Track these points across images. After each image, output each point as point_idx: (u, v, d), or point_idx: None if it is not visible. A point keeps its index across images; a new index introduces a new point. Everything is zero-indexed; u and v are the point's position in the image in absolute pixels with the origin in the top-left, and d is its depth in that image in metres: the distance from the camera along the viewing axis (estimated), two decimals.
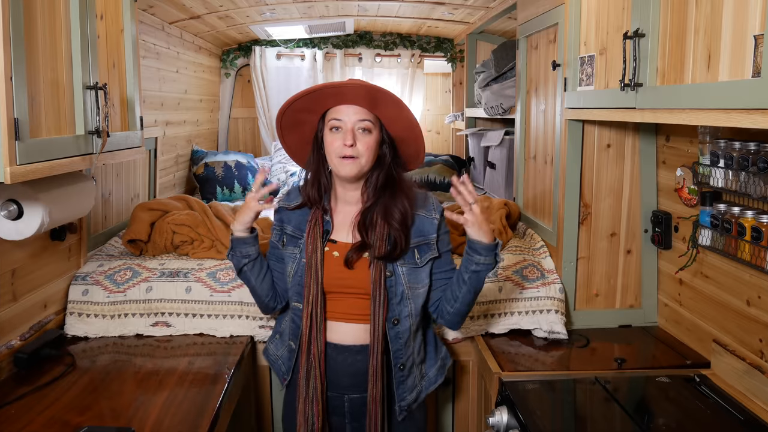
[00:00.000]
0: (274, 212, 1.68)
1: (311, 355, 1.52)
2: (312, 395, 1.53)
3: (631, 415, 1.55)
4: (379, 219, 1.53)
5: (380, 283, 1.50)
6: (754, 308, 1.66)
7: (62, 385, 1.66)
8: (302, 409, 1.54)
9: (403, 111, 1.50)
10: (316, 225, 1.56)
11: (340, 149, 1.47)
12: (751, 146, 1.53)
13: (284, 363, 1.66)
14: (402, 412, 1.58)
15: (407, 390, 1.58)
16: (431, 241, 1.58)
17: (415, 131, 1.54)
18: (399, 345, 1.55)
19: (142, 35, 2.82)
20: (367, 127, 1.49)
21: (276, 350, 1.70)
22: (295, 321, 1.61)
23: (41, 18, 1.36)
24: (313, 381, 1.52)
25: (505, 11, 3.15)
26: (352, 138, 1.47)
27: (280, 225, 1.65)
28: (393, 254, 1.52)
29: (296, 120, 1.57)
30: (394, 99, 1.48)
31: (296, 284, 1.59)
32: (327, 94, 1.49)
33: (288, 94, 1.60)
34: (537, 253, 2.24)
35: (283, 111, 1.54)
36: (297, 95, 1.50)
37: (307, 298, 1.53)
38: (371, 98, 1.47)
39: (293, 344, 1.62)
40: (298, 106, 1.53)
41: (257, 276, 1.66)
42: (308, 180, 1.59)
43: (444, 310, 1.60)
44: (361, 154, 1.48)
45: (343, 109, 1.49)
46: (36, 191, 1.56)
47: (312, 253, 1.53)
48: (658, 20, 1.43)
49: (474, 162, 4.07)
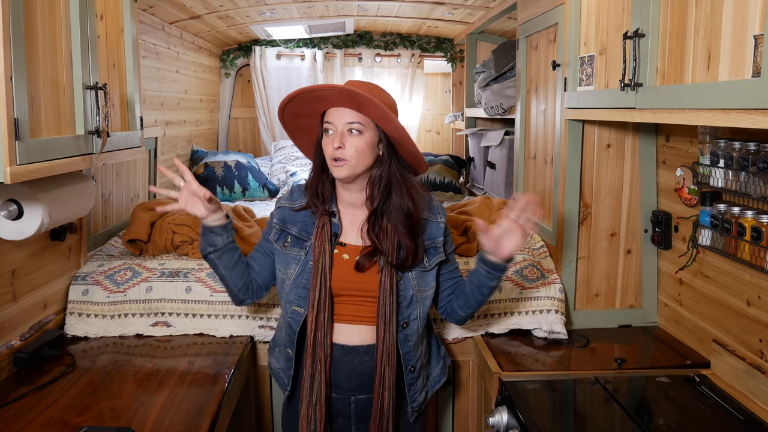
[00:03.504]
0: (276, 208, 1.64)
1: (317, 358, 1.51)
2: (316, 399, 1.51)
3: (631, 415, 1.55)
4: (389, 226, 1.52)
5: (391, 289, 1.51)
6: (754, 308, 1.66)
7: (62, 385, 1.66)
8: (305, 413, 1.52)
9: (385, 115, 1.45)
10: (324, 227, 1.53)
11: (331, 152, 1.47)
12: (751, 146, 1.53)
13: (285, 373, 1.62)
14: (414, 413, 1.60)
15: (418, 391, 1.60)
16: (438, 245, 1.59)
17: (403, 134, 1.49)
18: (408, 347, 1.56)
19: (142, 35, 2.82)
20: (357, 128, 1.47)
21: (277, 363, 1.67)
22: (291, 326, 1.57)
23: (41, 18, 1.36)
24: (318, 384, 1.51)
25: (505, 11, 3.15)
26: (339, 140, 1.46)
27: (282, 224, 1.60)
28: (406, 263, 1.53)
29: (298, 126, 1.57)
30: (372, 102, 1.42)
31: (298, 287, 1.55)
32: (309, 98, 1.47)
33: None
34: (537, 253, 2.24)
35: (280, 118, 1.55)
36: (282, 101, 1.50)
37: (312, 302, 1.51)
38: (354, 102, 1.45)
39: (290, 351, 1.59)
40: (289, 112, 1.52)
41: (226, 266, 1.60)
42: (310, 182, 1.58)
43: (455, 312, 1.66)
44: (350, 156, 1.46)
45: (333, 112, 1.48)
46: (36, 191, 1.56)
47: (320, 255, 1.51)
48: (658, 20, 1.43)
49: (474, 162, 4.07)
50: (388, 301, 1.50)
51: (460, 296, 1.63)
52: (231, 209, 2.48)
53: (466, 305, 1.63)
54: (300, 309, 1.55)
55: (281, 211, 1.61)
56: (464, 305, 1.63)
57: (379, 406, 1.52)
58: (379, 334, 1.51)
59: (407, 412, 1.60)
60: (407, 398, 1.58)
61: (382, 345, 1.51)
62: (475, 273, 1.58)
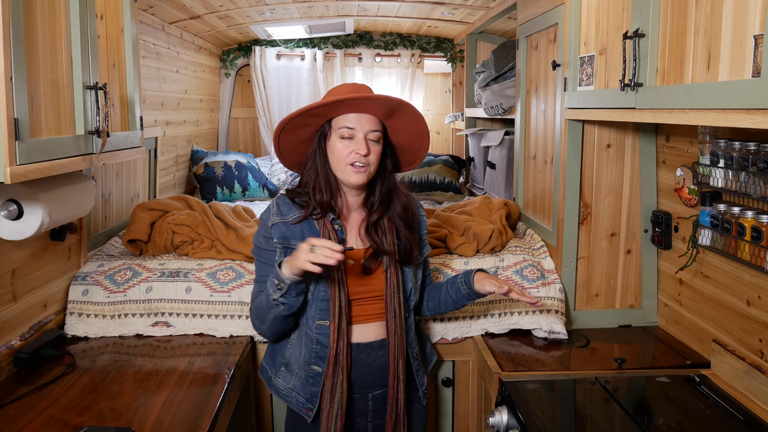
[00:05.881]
0: (269, 227, 1.55)
1: (339, 367, 1.50)
2: (337, 409, 1.50)
3: (631, 415, 1.55)
4: (387, 224, 1.58)
5: (398, 285, 1.57)
6: (754, 308, 1.65)
7: (62, 385, 1.66)
8: (326, 424, 1.51)
9: (419, 122, 1.54)
10: (330, 236, 1.51)
11: (352, 157, 1.47)
12: (751, 146, 1.53)
13: (303, 391, 1.55)
14: (425, 397, 1.67)
15: (422, 375, 1.68)
16: (424, 237, 1.70)
17: (425, 141, 1.59)
18: (411, 337, 1.63)
19: (142, 35, 2.82)
20: (378, 137, 1.51)
21: (286, 383, 1.59)
22: (320, 341, 1.51)
23: (41, 18, 1.36)
24: (339, 394, 1.50)
25: (505, 11, 3.15)
26: (366, 147, 1.47)
27: (284, 241, 1.53)
28: (411, 257, 1.59)
29: (299, 122, 1.54)
30: (414, 112, 1.51)
31: (318, 300, 1.51)
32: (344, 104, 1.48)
33: (288, 94, 1.61)
34: (537, 253, 2.24)
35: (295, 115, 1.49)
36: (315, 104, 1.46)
37: (333, 312, 1.49)
38: (388, 110, 1.49)
39: (318, 368, 1.52)
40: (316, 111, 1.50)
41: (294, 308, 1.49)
42: (318, 187, 1.53)
43: (422, 310, 1.76)
44: (371, 162, 1.50)
45: (356, 118, 1.48)
46: (36, 191, 1.56)
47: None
48: (658, 20, 1.43)
49: (474, 162, 4.07)
50: (396, 297, 1.55)
51: (433, 299, 1.72)
52: (231, 209, 2.48)
53: (435, 308, 1.73)
54: (325, 322, 1.51)
55: (278, 229, 1.54)
56: (434, 308, 1.73)
57: (395, 399, 1.56)
58: (390, 329, 1.55)
59: (419, 398, 1.66)
60: (417, 385, 1.65)
61: (394, 339, 1.55)
62: (455, 288, 1.65)
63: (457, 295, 1.65)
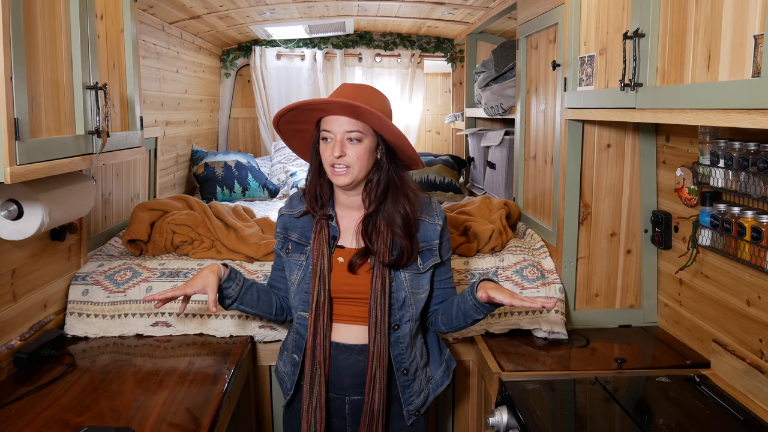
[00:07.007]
0: (278, 218, 1.67)
1: (316, 362, 1.52)
2: (316, 402, 1.53)
3: (631, 415, 1.55)
4: (383, 225, 1.53)
5: (383, 290, 1.51)
6: (754, 308, 1.65)
7: (62, 385, 1.66)
8: (306, 416, 1.54)
9: (383, 121, 1.46)
10: (321, 231, 1.55)
11: (331, 159, 1.48)
12: (751, 146, 1.53)
13: (288, 378, 1.64)
14: (411, 416, 1.59)
15: (414, 394, 1.59)
16: (434, 248, 1.59)
17: (402, 138, 1.50)
18: (400, 349, 1.56)
19: (142, 35, 2.82)
20: (356, 137, 1.47)
21: (283, 367, 1.68)
22: (299, 332, 1.59)
23: (41, 18, 1.36)
24: (317, 388, 1.52)
25: (505, 11, 3.15)
26: (340, 149, 1.46)
27: (284, 232, 1.63)
28: (400, 262, 1.53)
29: (293, 129, 1.58)
30: (373, 114, 1.43)
31: (302, 292, 1.57)
32: (306, 109, 1.49)
33: (288, 94, 1.62)
34: (537, 253, 2.24)
35: (276, 124, 1.55)
36: (281, 111, 1.51)
37: (311, 305, 1.53)
38: (353, 113, 1.46)
39: (296, 357, 1.59)
40: (285, 120, 1.53)
41: (252, 305, 1.65)
42: (308, 187, 1.58)
43: (438, 325, 1.65)
44: (352, 163, 1.47)
45: (331, 120, 1.48)
46: (36, 191, 1.56)
47: (318, 259, 1.53)
48: (658, 20, 1.43)
49: (474, 162, 4.07)
50: (379, 302, 1.51)
51: (446, 313, 1.61)
52: (231, 209, 2.48)
53: (449, 324, 1.61)
54: (305, 314, 1.56)
55: (282, 220, 1.64)
56: (447, 323, 1.61)
57: (369, 407, 1.52)
58: (371, 334, 1.52)
59: (404, 416, 1.59)
60: (401, 401, 1.58)
61: (374, 345, 1.51)
62: (464, 300, 1.54)
63: (465, 306, 1.53)
